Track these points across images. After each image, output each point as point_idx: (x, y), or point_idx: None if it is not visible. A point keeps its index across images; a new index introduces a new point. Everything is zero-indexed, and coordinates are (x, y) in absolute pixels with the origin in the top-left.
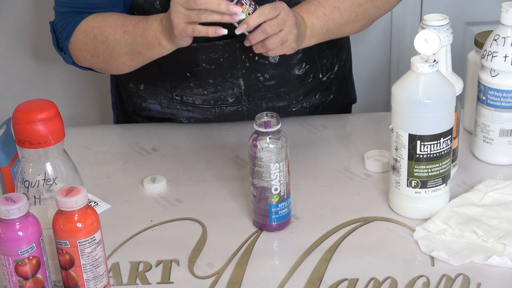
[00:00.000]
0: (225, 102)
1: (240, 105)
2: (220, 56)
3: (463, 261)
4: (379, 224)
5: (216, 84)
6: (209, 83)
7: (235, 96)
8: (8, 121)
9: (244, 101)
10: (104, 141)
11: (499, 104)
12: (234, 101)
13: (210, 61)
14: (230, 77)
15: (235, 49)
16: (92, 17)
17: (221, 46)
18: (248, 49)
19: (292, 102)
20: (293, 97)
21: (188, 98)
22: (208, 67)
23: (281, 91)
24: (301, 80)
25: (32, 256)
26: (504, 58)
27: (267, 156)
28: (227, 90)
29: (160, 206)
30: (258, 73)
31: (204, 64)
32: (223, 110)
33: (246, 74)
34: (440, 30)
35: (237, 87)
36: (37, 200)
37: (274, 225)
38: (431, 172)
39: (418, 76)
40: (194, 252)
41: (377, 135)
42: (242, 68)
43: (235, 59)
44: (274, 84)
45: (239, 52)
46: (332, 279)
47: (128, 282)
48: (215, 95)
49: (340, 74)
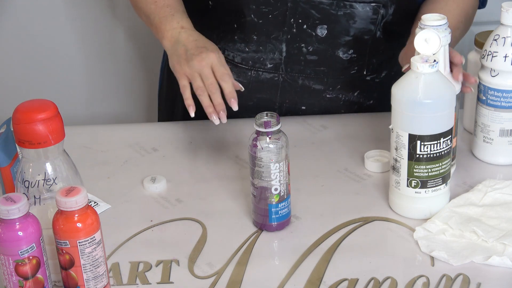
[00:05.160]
0: (263, 66)
1: (277, 73)
2: (270, 12)
3: (463, 261)
4: (379, 224)
5: (259, 43)
6: (253, 39)
7: (274, 62)
8: (8, 121)
9: (281, 70)
10: (104, 141)
11: (499, 104)
12: (272, 67)
13: (258, 14)
14: (274, 39)
15: (285, 8)
16: None
17: (273, 0)
18: (298, 14)
19: (329, 88)
20: (331, 82)
21: (229, 53)
22: (256, 20)
23: (321, 70)
24: (344, 67)
25: (32, 256)
26: (504, 58)
27: (267, 156)
28: (268, 53)
29: (160, 206)
30: (302, 43)
31: (252, 16)
32: (259, 75)
33: (291, 40)
34: (439, 30)
35: (278, 52)
36: (37, 200)
37: (274, 225)
38: (431, 172)
39: (418, 76)
40: (194, 252)
41: (377, 135)
42: (288, 32)
43: (283, 19)
44: (315, 60)
45: (289, 13)
46: (332, 279)
47: (128, 282)
48: (255, 55)
49: (386, 83)
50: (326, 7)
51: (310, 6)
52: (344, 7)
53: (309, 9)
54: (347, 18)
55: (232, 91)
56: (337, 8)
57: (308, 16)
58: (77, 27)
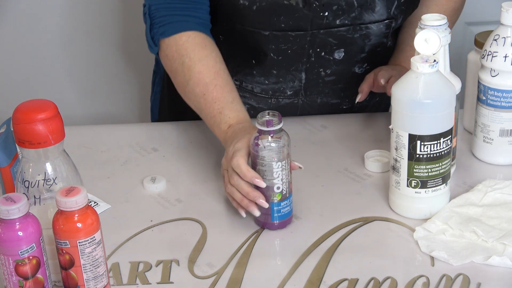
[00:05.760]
0: (283, 94)
1: (297, 98)
2: (289, 48)
3: (463, 261)
4: (379, 224)
5: (279, 76)
6: (272, 74)
7: (294, 89)
8: (8, 121)
9: (301, 95)
10: (104, 141)
11: (499, 104)
12: (292, 93)
13: (278, 52)
14: (294, 70)
15: (304, 42)
16: (193, 38)
17: (292, 37)
18: (316, 44)
19: (345, 100)
20: (347, 95)
21: (248, 84)
22: (276, 58)
23: (338, 87)
24: (359, 79)
25: (32, 256)
26: (504, 58)
27: (269, 155)
28: (288, 82)
29: (160, 206)
30: (320, 68)
31: (272, 54)
32: (279, 102)
33: (310, 68)
34: (438, 30)
35: (298, 80)
36: (37, 200)
37: (276, 223)
38: (431, 172)
39: (418, 76)
40: (194, 252)
41: (377, 135)
42: (307, 62)
43: (302, 52)
44: (333, 79)
45: (308, 45)
46: (332, 279)
47: (128, 282)
48: (275, 86)
49: None
50: (343, 33)
51: (328, 35)
52: (360, 30)
53: (327, 38)
54: (362, 38)
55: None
56: (353, 32)
57: (326, 44)
58: (78, 27)
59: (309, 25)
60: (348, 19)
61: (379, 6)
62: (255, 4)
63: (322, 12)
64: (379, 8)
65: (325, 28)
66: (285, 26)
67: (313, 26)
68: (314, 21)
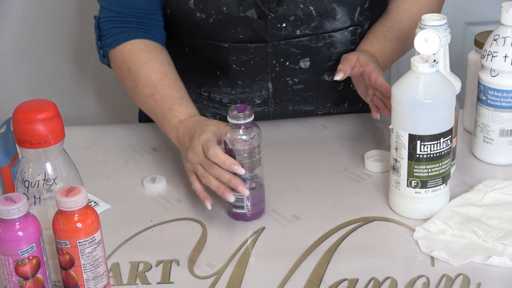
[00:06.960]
0: (252, 103)
1: (267, 106)
2: (251, 59)
3: (463, 261)
4: (379, 224)
5: (244, 86)
6: (238, 84)
7: (263, 98)
8: (8, 121)
9: (271, 103)
10: (104, 141)
11: (499, 104)
12: (261, 102)
13: (240, 63)
14: (259, 80)
15: (266, 54)
16: (137, 45)
17: (253, 49)
18: (279, 54)
19: (319, 107)
20: (321, 102)
21: (216, 95)
22: (238, 69)
23: (309, 95)
24: (331, 87)
25: (32, 256)
26: (504, 58)
27: (241, 147)
28: (255, 92)
29: (160, 206)
30: (287, 77)
31: (235, 66)
32: None
33: (276, 77)
34: (438, 30)
35: (265, 90)
36: (37, 200)
37: (249, 215)
38: (431, 172)
39: (418, 76)
40: (194, 252)
41: (377, 135)
42: (272, 72)
43: (265, 63)
44: (302, 88)
45: (270, 56)
46: (332, 279)
47: (128, 282)
48: (242, 96)
49: None
50: (305, 42)
51: (289, 45)
52: (323, 38)
53: (289, 48)
54: (327, 47)
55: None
56: (316, 41)
57: (289, 54)
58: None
59: (267, 37)
60: (308, 28)
61: (340, 14)
62: (211, 17)
63: (280, 24)
64: (340, 16)
65: (285, 39)
66: (244, 37)
67: (273, 38)
68: (272, 33)
